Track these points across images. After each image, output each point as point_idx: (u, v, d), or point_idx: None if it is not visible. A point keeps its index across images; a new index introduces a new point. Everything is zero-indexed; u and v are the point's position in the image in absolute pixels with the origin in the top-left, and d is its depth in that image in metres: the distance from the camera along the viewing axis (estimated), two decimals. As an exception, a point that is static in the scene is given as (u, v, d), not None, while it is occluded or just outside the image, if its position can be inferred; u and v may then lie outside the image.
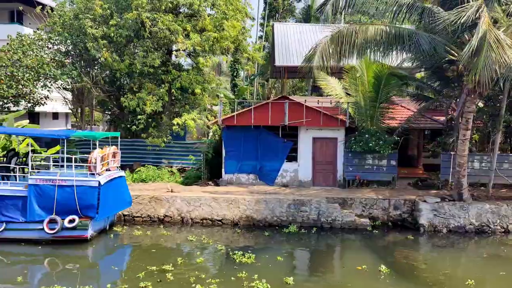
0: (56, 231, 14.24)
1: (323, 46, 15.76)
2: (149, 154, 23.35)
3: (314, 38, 30.05)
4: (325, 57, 14.86)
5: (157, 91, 22.56)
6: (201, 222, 17.41)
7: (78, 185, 14.41)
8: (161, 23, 20.93)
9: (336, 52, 14.92)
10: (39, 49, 23.84)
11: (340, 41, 14.95)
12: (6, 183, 14.91)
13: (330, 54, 14.89)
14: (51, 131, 16.00)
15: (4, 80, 22.62)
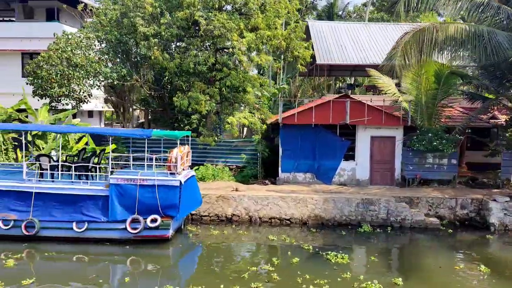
0: (138, 231, 14.18)
1: (404, 44, 15.71)
2: (200, 153, 23.25)
3: (350, 36, 30.26)
4: (407, 55, 14.81)
5: (208, 90, 22.47)
6: (269, 221, 17.36)
7: (159, 184, 14.34)
8: (217, 22, 20.81)
9: (417, 50, 14.86)
10: (87, 47, 23.73)
11: (421, 39, 14.90)
12: (86, 182, 14.83)
13: (412, 52, 14.82)
14: (132, 131, 15.92)
15: (55, 78, 22.52)
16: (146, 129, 16.38)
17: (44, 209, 14.38)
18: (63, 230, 14.30)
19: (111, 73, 23.34)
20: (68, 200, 14.43)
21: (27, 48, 28.47)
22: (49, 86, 22.61)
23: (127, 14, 23.99)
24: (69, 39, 24.16)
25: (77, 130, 16.01)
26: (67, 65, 22.81)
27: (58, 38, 24.18)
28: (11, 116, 20.24)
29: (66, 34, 24.70)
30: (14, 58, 28.70)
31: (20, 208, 14.36)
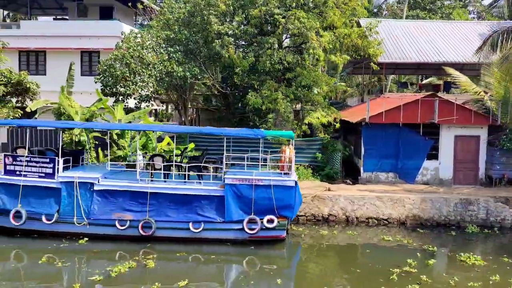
0: (256, 232, 14.13)
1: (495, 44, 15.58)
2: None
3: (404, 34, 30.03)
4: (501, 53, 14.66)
5: (281, 89, 22.36)
6: (366, 221, 17.28)
7: (275, 184, 14.27)
8: (297, 20, 20.66)
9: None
10: (157, 46, 23.66)
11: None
12: (199, 182, 14.78)
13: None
14: (244, 131, 15.81)
15: (129, 77, 22.48)
16: (260, 130, 16.25)
17: (159, 209, 14.35)
18: (179, 230, 14.26)
19: (183, 72, 23.25)
20: (182, 200, 14.38)
21: (86, 47, 28.43)
22: (123, 84, 22.59)
23: (196, 13, 23.91)
24: (137, 38, 24.15)
25: (185, 130, 15.95)
26: (139, 64, 22.77)
27: (127, 37, 24.13)
28: (93, 115, 20.21)
29: (135, 33, 24.66)
30: (73, 57, 28.60)
31: (136, 208, 14.33)
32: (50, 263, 12.23)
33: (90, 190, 14.43)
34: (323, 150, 22.40)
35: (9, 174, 14.66)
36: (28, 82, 20.68)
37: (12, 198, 14.47)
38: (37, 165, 14.60)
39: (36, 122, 18.68)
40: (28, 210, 14.31)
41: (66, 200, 14.38)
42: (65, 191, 14.40)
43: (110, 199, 14.41)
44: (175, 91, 27.49)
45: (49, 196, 14.48)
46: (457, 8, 52.34)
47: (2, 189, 14.56)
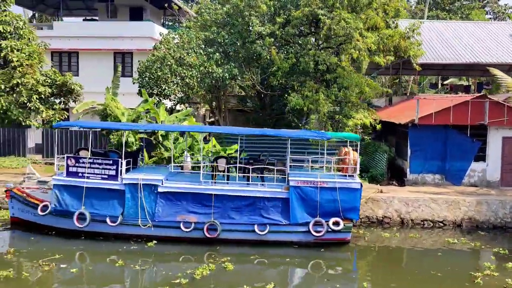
0: (322, 234, 14.05)
1: None
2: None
3: (434, 33, 29.88)
4: None
5: (321, 90, 22.28)
6: (422, 223, 17.19)
7: (340, 187, 14.20)
8: (343, 21, 20.56)
9: None
10: (197, 47, 23.58)
11: None
12: (262, 184, 14.70)
13: None
14: (308, 132, 15.71)
15: (170, 78, 22.42)
16: (321, 131, 16.15)
17: (223, 211, 14.28)
18: (244, 232, 14.18)
19: (222, 73, 23.18)
20: (246, 202, 14.32)
21: (119, 47, 28.35)
22: (164, 85, 22.52)
23: (235, 14, 23.85)
24: (175, 39, 24.10)
25: (245, 131, 15.83)
26: (180, 65, 22.70)
27: (166, 38, 24.06)
28: (139, 116, 20.16)
29: (173, 34, 24.62)
30: (106, 58, 28.61)
31: (200, 211, 14.26)
32: (128, 266, 12.15)
33: (154, 192, 14.37)
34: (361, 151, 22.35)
35: (72, 176, 14.60)
36: (72, 83, 20.63)
37: (75, 200, 14.42)
38: (100, 167, 14.54)
39: (99, 124, 18.57)
40: (92, 212, 14.26)
41: (130, 202, 14.32)
42: (129, 193, 14.34)
43: (174, 201, 14.35)
44: (210, 92, 27.46)
45: (112, 198, 14.42)
46: (476, 9, 52.29)
47: (65, 191, 14.51)
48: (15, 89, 19.65)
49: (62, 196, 14.46)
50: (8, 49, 19.67)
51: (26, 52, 20.15)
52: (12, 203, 15.62)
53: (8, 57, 19.63)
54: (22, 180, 19.16)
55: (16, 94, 19.40)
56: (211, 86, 24.27)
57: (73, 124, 17.25)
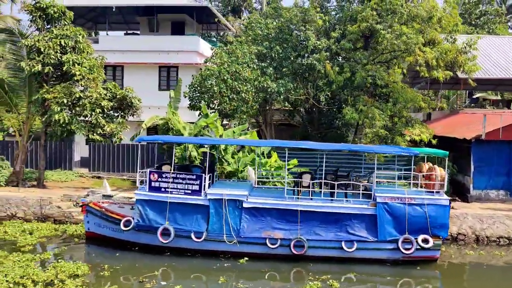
0: (412, 252, 13.80)
1: None
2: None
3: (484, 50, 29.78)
4: None
5: (376, 104, 22.22)
6: (497, 240, 16.89)
7: (429, 203, 14.00)
8: (405, 36, 20.54)
9: None
10: (250, 61, 23.60)
11: None
12: (347, 200, 14.52)
13: None
14: (396, 148, 15.58)
15: (226, 92, 22.38)
16: (407, 148, 16.02)
17: (308, 227, 14.08)
18: (331, 249, 13.96)
19: (277, 87, 23.18)
20: (332, 218, 14.12)
21: (165, 61, 28.40)
22: (220, 100, 22.49)
23: (287, 29, 23.95)
24: (228, 53, 24.14)
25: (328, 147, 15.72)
26: (235, 79, 22.70)
27: (217, 52, 24.12)
28: (200, 131, 20.08)
29: (222, 47, 24.69)
30: (151, 71, 28.68)
31: (285, 227, 14.07)
32: (230, 283, 11.95)
33: (238, 208, 14.20)
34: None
35: (155, 190, 14.47)
36: (132, 97, 20.61)
37: (159, 215, 14.26)
38: (183, 182, 14.41)
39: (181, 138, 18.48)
40: (176, 227, 14.09)
41: (215, 218, 14.15)
42: (213, 209, 14.18)
43: (259, 217, 14.18)
44: (260, 106, 27.45)
45: (196, 213, 14.25)
46: (501, 24, 52.40)
47: (148, 206, 14.36)
48: (76, 103, 19.62)
49: (145, 211, 14.32)
50: (70, 63, 19.68)
51: (86, 66, 20.17)
52: (88, 217, 15.49)
53: (70, 71, 19.64)
54: (85, 194, 19.07)
55: (79, 108, 19.37)
56: (263, 100, 24.28)
57: (156, 138, 17.15)
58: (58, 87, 19.89)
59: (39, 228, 16.16)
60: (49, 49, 19.61)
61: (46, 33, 20.31)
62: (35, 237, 15.22)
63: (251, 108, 22.96)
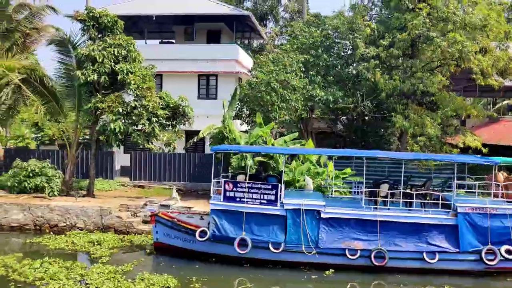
0: (495, 263, 13.54)
1: None
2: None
3: None
4: None
5: (427, 113, 22.07)
6: None
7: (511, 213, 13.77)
8: (460, 44, 20.38)
9: None
10: (298, 70, 23.50)
11: None
12: (426, 211, 14.30)
13: None
14: (477, 158, 15.36)
15: (276, 101, 22.27)
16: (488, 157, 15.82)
17: (388, 238, 13.86)
18: (412, 260, 13.72)
19: (326, 95, 23.06)
20: (411, 229, 13.90)
21: (205, 70, 28.35)
22: (269, 109, 22.36)
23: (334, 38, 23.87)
24: (274, 62, 24.07)
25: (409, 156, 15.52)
26: (284, 88, 22.59)
27: (265, 61, 24.06)
28: (256, 140, 19.93)
29: (267, 56, 24.62)
30: (190, 80, 28.63)
31: (364, 237, 13.85)
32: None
33: (316, 218, 13.99)
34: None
35: (229, 200, 14.29)
36: (185, 106, 20.49)
37: (234, 226, 14.07)
38: (258, 192, 14.23)
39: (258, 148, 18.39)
40: (253, 238, 13.89)
41: (292, 228, 13.94)
42: (290, 219, 13.98)
43: (337, 227, 13.97)
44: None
45: (272, 224, 14.05)
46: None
47: (223, 217, 14.18)
48: (130, 112, 19.53)
49: (220, 222, 14.13)
50: (124, 72, 19.63)
51: (139, 74, 20.11)
52: (157, 228, 15.30)
53: (125, 80, 19.57)
54: (144, 204, 18.95)
55: (135, 117, 19.27)
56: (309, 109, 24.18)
57: (231, 148, 16.97)
58: (112, 96, 19.82)
59: (105, 238, 15.96)
60: (104, 58, 19.57)
61: (99, 42, 20.28)
62: (105, 248, 15.04)
63: (300, 116, 22.79)
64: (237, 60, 28.20)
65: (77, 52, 19.77)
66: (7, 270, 12.52)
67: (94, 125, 21.00)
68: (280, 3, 40.74)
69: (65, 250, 14.94)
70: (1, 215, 18.07)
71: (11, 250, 14.90)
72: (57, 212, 17.95)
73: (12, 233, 17.43)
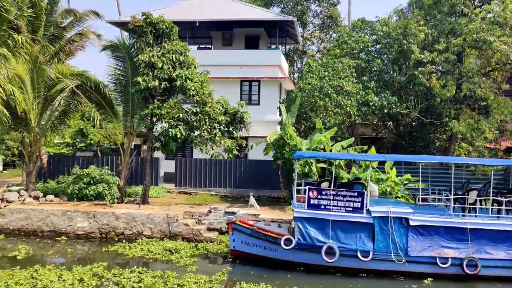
0: None
1: None
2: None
3: None
4: None
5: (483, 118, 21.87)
6: None
7: None
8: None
9: None
10: (350, 76, 23.33)
11: None
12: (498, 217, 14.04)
13: None
14: None
15: (330, 106, 22.10)
16: None
17: (478, 246, 13.61)
18: (505, 269, 13.46)
19: (380, 101, 22.86)
20: (501, 236, 13.64)
21: (248, 76, 28.23)
22: (324, 114, 22.18)
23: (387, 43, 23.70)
24: (324, 66, 23.92)
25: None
26: (336, 93, 22.42)
27: (312, 65, 23.91)
28: (317, 146, 19.73)
29: (316, 61, 24.47)
30: (233, 85, 28.50)
31: (454, 245, 13.60)
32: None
33: (403, 226, 13.76)
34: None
35: (314, 208, 14.07)
36: (244, 112, 20.32)
37: (320, 234, 13.84)
38: (343, 199, 14.01)
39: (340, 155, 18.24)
40: (340, 246, 13.66)
41: (380, 236, 13.71)
42: (378, 226, 13.75)
43: (426, 235, 13.72)
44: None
45: (359, 231, 13.82)
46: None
47: (308, 224, 13.95)
48: (190, 118, 19.38)
49: (305, 229, 13.90)
50: (183, 78, 19.48)
51: (197, 80, 19.97)
52: (234, 235, 15.08)
53: (185, 86, 19.42)
54: (208, 211, 18.73)
55: (196, 123, 19.10)
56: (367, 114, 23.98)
57: (315, 155, 16.71)
58: (170, 102, 19.67)
59: (180, 247, 15.72)
60: (164, 64, 19.44)
61: (157, 48, 20.14)
62: (184, 256, 14.80)
63: (353, 122, 22.58)
64: (280, 66, 28.09)
65: (138, 58, 19.59)
66: (100, 280, 12.30)
67: (150, 131, 20.82)
68: (310, 9, 40.62)
69: (145, 258, 14.70)
70: (66, 223, 17.89)
71: (91, 258, 14.68)
72: (123, 220, 17.75)
73: (78, 241, 17.22)
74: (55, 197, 20.54)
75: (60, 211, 18.04)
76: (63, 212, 18.03)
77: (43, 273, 12.64)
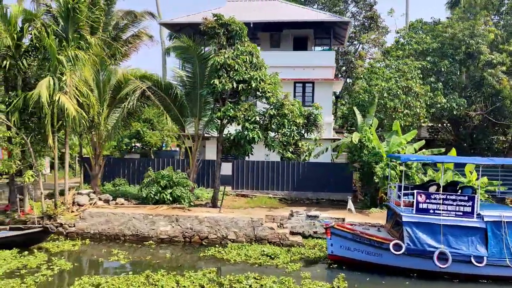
0: None
1: None
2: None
3: None
4: None
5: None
6: None
7: None
8: None
9: None
10: (417, 77, 23.04)
11: None
12: None
13: None
14: None
15: (400, 107, 21.84)
16: None
17: None
18: None
19: (449, 102, 22.58)
20: None
21: (302, 77, 27.99)
22: (394, 116, 21.93)
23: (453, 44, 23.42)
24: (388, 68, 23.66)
25: None
26: (404, 94, 22.15)
27: (380, 68, 23.64)
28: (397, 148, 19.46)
29: (381, 63, 24.21)
30: (286, 87, 28.16)
31: None
32: None
33: (516, 230, 13.49)
34: None
35: (423, 212, 13.80)
36: (318, 114, 20.07)
37: (431, 239, 13.57)
38: (453, 203, 13.74)
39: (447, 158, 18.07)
40: (451, 251, 13.39)
41: (493, 241, 13.43)
42: (491, 231, 13.48)
43: (538, 240, 13.45)
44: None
45: (470, 236, 13.55)
46: None
47: (417, 229, 13.69)
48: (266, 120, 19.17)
49: (415, 235, 13.64)
50: (257, 80, 19.26)
51: (270, 82, 19.74)
52: (332, 240, 14.82)
53: (260, 87, 19.19)
54: (290, 215, 18.50)
55: (274, 126, 18.88)
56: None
57: (421, 158, 16.41)
58: (245, 104, 19.44)
59: (276, 251, 15.48)
60: (238, 66, 19.22)
61: (230, 49, 19.93)
62: (284, 261, 14.55)
63: (422, 124, 22.30)
64: (333, 67, 27.86)
65: (214, 60, 19.38)
66: (221, 287, 12.05)
67: (221, 134, 20.61)
68: (348, 10, 40.39)
69: (248, 263, 14.45)
70: (148, 227, 17.68)
71: (192, 265, 14.43)
72: (207, 224, 17.52)
73: (162, 245, 17.00)
74: (125, 200, 20.36)
75: (141, 215, 17.83)
76: (144, 216, 17.82)
77: (157, 278, 12.40)
